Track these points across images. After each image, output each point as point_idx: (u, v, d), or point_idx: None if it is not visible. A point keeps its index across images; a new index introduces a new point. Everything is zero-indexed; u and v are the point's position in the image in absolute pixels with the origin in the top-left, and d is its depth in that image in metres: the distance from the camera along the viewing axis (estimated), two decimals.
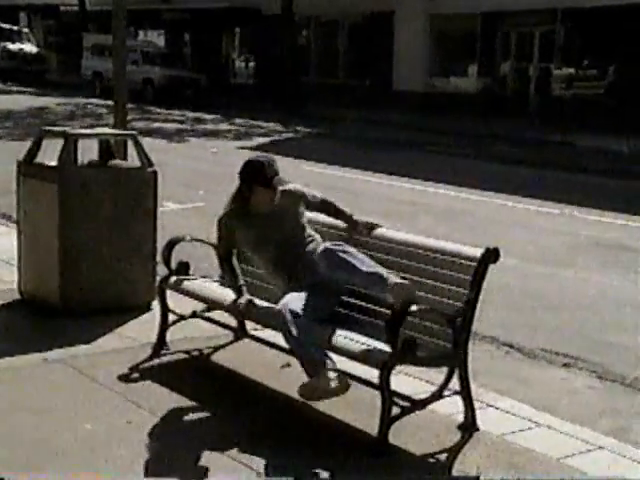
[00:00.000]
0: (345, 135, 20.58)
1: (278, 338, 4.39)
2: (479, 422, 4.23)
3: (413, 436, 4.08)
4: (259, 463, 3.77)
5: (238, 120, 23.42)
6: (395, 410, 3.96)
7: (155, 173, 5.86)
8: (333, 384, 3.96)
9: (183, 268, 5.09)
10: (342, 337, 4.11)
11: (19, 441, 3.90)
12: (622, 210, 11.19)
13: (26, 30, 38.87)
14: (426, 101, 26.38)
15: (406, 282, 4.11)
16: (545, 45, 24.63)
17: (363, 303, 4.47)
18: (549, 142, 19.59)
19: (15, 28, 37.67)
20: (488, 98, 25.42)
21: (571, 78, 24.40)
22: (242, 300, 4.54)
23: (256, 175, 4.57)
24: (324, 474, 3.70)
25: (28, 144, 6.07)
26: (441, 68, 27.35)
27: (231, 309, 4.73)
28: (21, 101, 25.48)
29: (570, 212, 11.14)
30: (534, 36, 24.94)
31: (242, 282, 4.69)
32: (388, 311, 4.10)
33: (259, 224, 4.65)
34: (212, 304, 4.98)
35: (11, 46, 35.09)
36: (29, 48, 35.83)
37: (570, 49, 24.46)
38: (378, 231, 4.69)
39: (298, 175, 4.27)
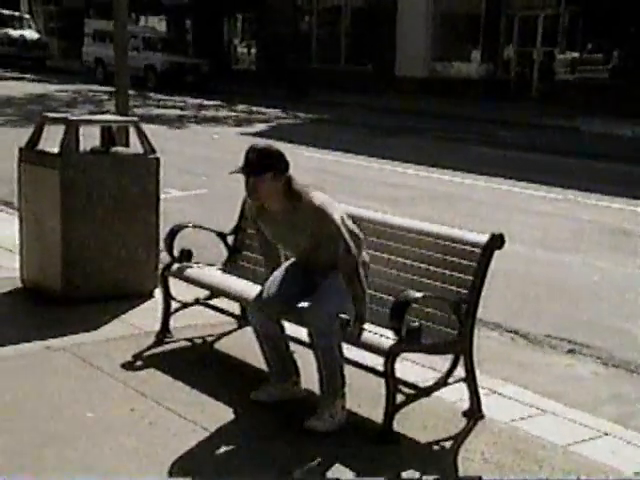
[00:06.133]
0: (347, 121, 20.51)
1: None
2: (484, 409, 4.22)
3: (418, 423, 4.07)
4: (263, 450, 3.76)
5: (240, 106, 23.35)
6: (400, 397, 3.95)
7: (157, 160, 5.83)
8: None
9: (186, 255, 5.08)
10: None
11: (21, 429, 3.89)
12: (626, 195, 11.14)
13: (27, 16, 38.69)
14: (428, 86, 26.28)
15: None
16: (549, 29, 24.52)
17: (370, 291, 4.44)
18: (552, 127, 19.52)
19: (16, 14, 37.50)
20: (491, 83, 25.34)
21: (575, 62, 24.31)
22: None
23: (271, 162, 3.92)
24: (329, 461, 3.69)
25: (29, 131, 6.04)
26: (444, 53, 27.23)
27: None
28: (22, 88, 25.40)
29: (574, 197, 11.10)
30: (538, 20, 24.82)
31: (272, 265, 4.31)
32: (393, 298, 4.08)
33: (275, 224, 4.13)
34: (215, 291, 4.96)
35: (12, 32, 34.93)
36: (30, 34, 35.66)
37: (574, 33, 24.34)
38: (380, 217, 4.64)
39: (299, 161, 4.17)
